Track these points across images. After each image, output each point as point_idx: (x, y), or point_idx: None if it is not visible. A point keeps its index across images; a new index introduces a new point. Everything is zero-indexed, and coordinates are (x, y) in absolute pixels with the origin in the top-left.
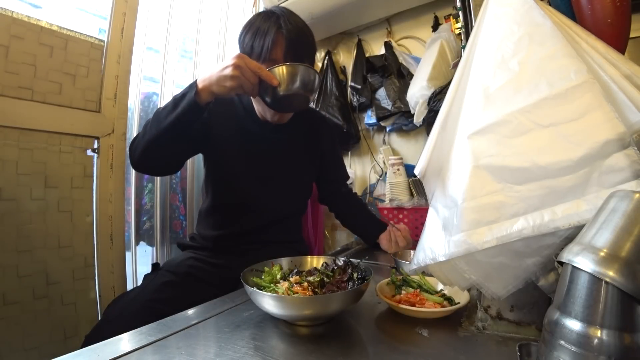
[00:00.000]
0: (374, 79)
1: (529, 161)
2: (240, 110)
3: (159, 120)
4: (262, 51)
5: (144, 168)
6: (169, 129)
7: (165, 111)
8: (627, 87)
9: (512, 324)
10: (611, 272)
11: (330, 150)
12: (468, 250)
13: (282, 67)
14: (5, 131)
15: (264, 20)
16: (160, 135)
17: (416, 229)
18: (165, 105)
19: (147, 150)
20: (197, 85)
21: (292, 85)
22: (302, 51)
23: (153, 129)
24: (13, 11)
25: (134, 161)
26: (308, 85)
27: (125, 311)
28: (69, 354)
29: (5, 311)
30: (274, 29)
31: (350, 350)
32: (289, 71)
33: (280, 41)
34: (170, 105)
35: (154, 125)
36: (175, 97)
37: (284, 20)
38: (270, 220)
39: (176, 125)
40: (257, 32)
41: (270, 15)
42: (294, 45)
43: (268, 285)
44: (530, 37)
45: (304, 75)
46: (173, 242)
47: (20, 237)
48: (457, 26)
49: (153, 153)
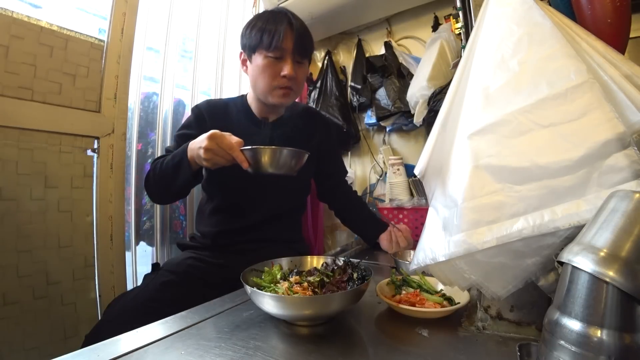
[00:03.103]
0: (374, 79)
1: (529, 161)
2: (235, 110)
3: (166, 183)
4: (273, 41)
5: (163, 204)
6: (179, 191)
7: (169, 176)
8: (627, 87)
9: (512, 324)
10: (611, 272)
11: (327, 146)
12: (468, 250)
13: (262, 149)
14: (5, 131)
15: (272, 15)
16: (174, 194)
17: (416, 229)
18: (167, 167)
19: (164, 198)
20: (187, 154)
21: (271, 165)
22: (307, 45)
23: (163, 188)
24: (13, 11)
25: (151, 200)
26: (284, 166)
27: (125, 311)
28: (69, 354)
29: (5, 311)
30: (284, 22)
31: (350, 350)
32: (269, 153)
33: (290, 33)
34: (171, 171)
35: (163, 185)
36: (174, 161)
37: (292, 16)
38: (269, 216)
39: (183, 187)
40: (266, 25)
41: (278, 12)
42: (301, 38)
43: (268, 285)
44: (530, 37)
45: (285, 157)
46: (173, 242)
47: (20, 237)
48: (457, 26)
49: (171, 199)
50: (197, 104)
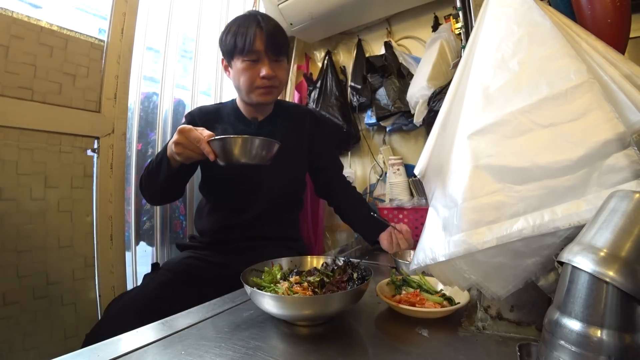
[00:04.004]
0: (374, 79)
1: (529, 161)
2: (226, 113)
3: (152, 181)
4: (246, 45)
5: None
6: (163, 189)
7: (153, 173)
8: (627, 87)
9: (512, 324)
10: (611, 272)
11: (318, 141)
12: (468, 250)
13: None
14: (5, 131)
15: (243, 20)
16: (159, 192)
17: (416, 229)
18: (152, 165)
19: (154, 198)
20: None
21: (235, 157)
22: (280, 43)
23: (150, 187)
24: (13, 11)
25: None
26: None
27: (125, 310)
28: (69, 354)
29: (5, 311)
30: (254, 25)
31: (350, 350)
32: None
33: (260, 35)
34: (155, 168)
35: (150, 184)
36: (157, 158)
37: (261, 18)
38: (266, 211)
39: (166, 184)
40: (237, 30)
41: (249, 16)
42: (273, 37)
43: (268, 285)
44: (530, 37)
45: (256, 146)
46: (173, 242)
47: (20, 237)
48: (457, 26)
49: (161, 199)
50: (190, 111)
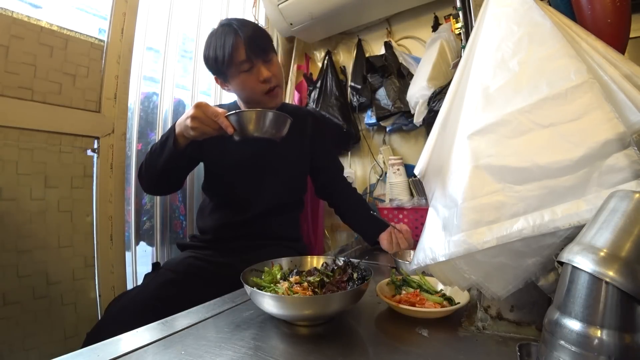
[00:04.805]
0: (374, 79)
1: (529, 161)
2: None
3: (153, 161)
4: (225, 58)
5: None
6: (163, 171)
7: (156, 154)
8: (627, 87)
9: (512, 324)
10: (611, 272)
11: (319, 142)
12: (468, 250)
13: (247, 112)
14: (5, 131)
15: (220, 33)
16: (159, 175)
17: (416, 229)
18: (156, 146)
19: (152, 186)
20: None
21: (257, 128)
22: (263, 43)
23: (151, 169)
24: (13, 11)
25: (143, 189)
26: (276, 128)
27: (126, 309)
28: (69, 354)
29: (5, 311)
30: (231, 36)
31: (350, 350)
32: (254, 116)
33: (239, 43)
34: (158, 149)
35: (151, 166)
36: (162, 139)
37: (237, 26)
38: (267, 210)
39: (168, 166)
40: (216, 45)
41: (224, 26)
42: (254, 41)
43: (268, 285)
44: (530, 37)
45: (270, 120)
46: (173, 242)
47: (20, 237)
48: (457, 26)
49: (159, 187)
50: None
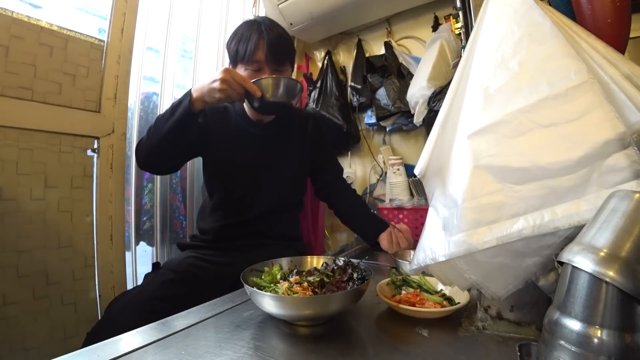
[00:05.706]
0: (374, 79)
1: (529, 161)
2: (233, 114)
3: (159, 126)
4: (246, 54)
5: (149, 168)
6: (168, 135)
7: (164, 118)
8: (627, 87)
9: (512, 324)
10: (611, 272)
11: (319, 143)
12: (468, 250)
13: (264, 80)
14: (5, 131)
15: (247, 28)
16: (161, 140)
17: (416, 229)
18: (164, 112)
19: (150, 153)
20: (191, 94)
21: (273, 94)
22: (281, 53)
23: (154, 134)
24: (13, 11)
25: (139, 163)
26: (289, 93)
27: (126, 309)
28: (69, 354)
29: (5, 311)
30: (256, 35)
31: (350, 350)
32: (271, 82)
33: (261, 45)
34: (168, 113)
35: (155, 131)
36: (173, 104)
37: (265, 27)
38: (267, 210)
39: (174, 130)
40: (241, 38)
41: (253, 23)
42: (275, 47)
43: (268, 285)
44: (530, 37)
45: (284, 85)
46: (173, 242)
47: (20, 237)
48: (457, 26)
49: (156, 156)
50: None
